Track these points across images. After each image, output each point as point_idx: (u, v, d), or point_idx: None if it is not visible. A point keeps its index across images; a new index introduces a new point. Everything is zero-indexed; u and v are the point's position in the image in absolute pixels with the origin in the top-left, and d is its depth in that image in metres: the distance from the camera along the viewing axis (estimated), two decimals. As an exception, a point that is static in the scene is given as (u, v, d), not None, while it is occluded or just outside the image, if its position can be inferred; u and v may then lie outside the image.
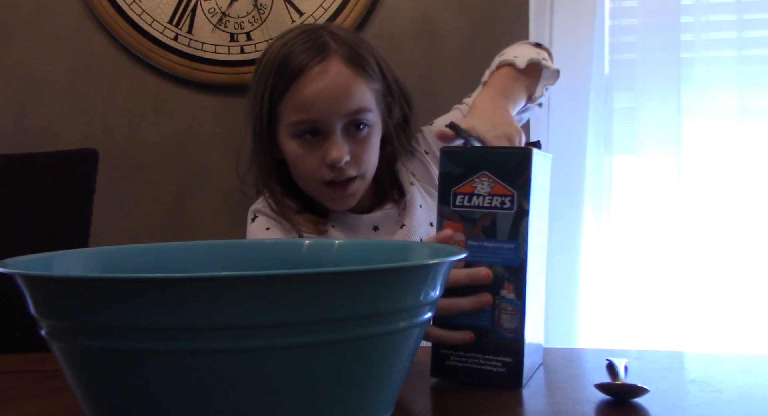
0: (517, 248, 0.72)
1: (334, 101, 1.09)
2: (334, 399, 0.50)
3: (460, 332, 0.74)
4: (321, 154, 1.11)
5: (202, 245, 0.73)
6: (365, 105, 1.12)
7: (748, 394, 0.71)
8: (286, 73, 1.09)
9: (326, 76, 1.08)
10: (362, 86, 1.12)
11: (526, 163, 0.71)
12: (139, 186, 1.70)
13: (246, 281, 0.46)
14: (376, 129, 1.16)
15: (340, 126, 1.10)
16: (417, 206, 1.19)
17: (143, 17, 1.65)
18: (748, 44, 1.55)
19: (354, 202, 1.17)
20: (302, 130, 1.11)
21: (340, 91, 1.09)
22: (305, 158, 1.12)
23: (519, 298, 0.72)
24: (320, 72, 1.08)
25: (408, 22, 1.64)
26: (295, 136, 1.12)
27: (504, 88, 1.13)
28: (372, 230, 1.20)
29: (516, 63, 1.16)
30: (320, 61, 1.09)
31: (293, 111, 1.10)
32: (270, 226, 1.18)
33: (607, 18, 1.59)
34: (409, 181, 1.21)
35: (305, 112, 1.09)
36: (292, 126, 1.11)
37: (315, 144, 1.11)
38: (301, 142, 1.12)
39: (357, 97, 1.11)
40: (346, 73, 1.10)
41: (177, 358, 0.46)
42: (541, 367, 0.80)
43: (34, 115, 1.72)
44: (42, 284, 0.50)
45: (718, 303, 1.53)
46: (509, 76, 1.16)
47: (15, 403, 0.72)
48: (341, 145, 1.10)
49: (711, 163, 1.55)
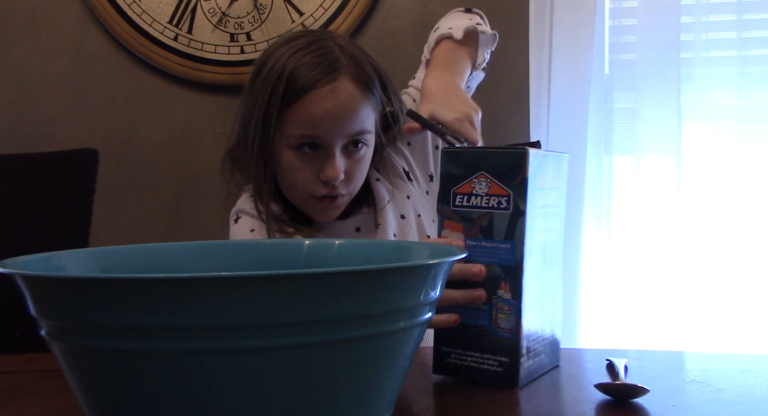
0: (513, 248, 0.72)
1: (341, 122, 1.08)
2: (334, 399, 0.50)
3: (445, 314, 0.74)
4: (316, 169, 1.10)
5: (202, 245, 0.73)
6: (368, 127, 1.12)
7: (748, 394, 0.71)
8: (296, 86, 1.07)
9: (336, 97, 1.07)
10: (367, 108, 1.11)
11: (522, 163, 0.72)
12: (139, 186, 1.70)
13: (246, 281, 0.46)
14: (371, 147, 1.16)
15: (341, 145, 1.10)
16: (385, 202, 1.19)
17: (143, 17, 1.65)
18: (748, 44, 1.55)
19: (338, 214, 1.17)
20: (302, 143, 1.10)
21: (348, 113, 1.08)
22: (300, 170, 1.11)
23: (515, 298, 0.72)
24: (331, 91, 1.07)
25: (408, 22, 1.64)
26: (294, 148, 1.10)
27: (449, 63, 1.14)
28: (355, 231, 1.20)
29: (453, 35, 1.16)
30: (331, 80, 1.08)
31: (298, 124, 1.08)
32: (255, 228, 1.16)
33: (607, 18, 1.59)
34: (374, 178, 1.20)
35: (310, 128, 1.08)
36: (293, 138, 1.09)
37: (312, 158, 1.10)
38: (298, 155, 1.10)
39: (362, 118, 1.10)
40: (355, 95, 1.09)
41: (177, 358, 0.46)
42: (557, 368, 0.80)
43: (34, 115, 1.72)
44: (42, 284, 0.50)
45: (718, 303, 1.53)
46: (450, 49, 1.16)
47: (15, 403, 0.72)
48: (339, 164, 1.09)
49: (711, 163, 1.55)
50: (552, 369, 0.80)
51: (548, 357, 0.79)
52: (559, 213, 0.80)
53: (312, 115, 1.07)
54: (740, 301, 1.52)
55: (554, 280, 0.80)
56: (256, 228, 1.16)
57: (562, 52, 1.54)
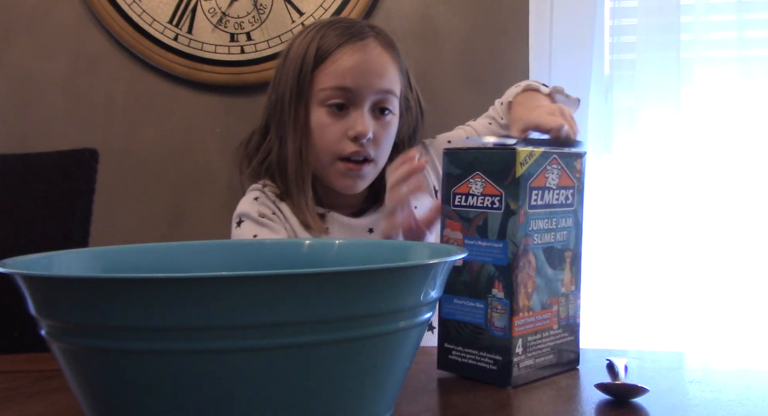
0: (506, 248, 0.72)
1: (370, 75, 1.14)
2: (334, 399, 0.50)
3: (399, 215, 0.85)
4: (345, 127, 1.14)
5: (202, 245, 0.73)
6: (395, 88, 1.17)
7: (748, 394, 0.71)
8: (325, 45, 1.14)
9: (366, 51, 1.14)
10: (395, 71, 1.18)
11: (512, 163, 0.72)
12: (139, 186, 1.70)
13: (246, 281, 0.46)
14: (395, 120, 1.19)
15: (369, 102, 1.14)
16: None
17: (143, 17, 1.65)
18: (748, 44, 1.55)
19: (362, 187, 1.18)
20: (332, 97, 1.14)
21: (377, 67, 1.15)
22: (328, 128, 1.14)
23: (507, 297, 0.73)
24: (361, 47, 1.14)
25: (408, 22, 1.64)
26: (323, 105, 1.14)
27: (531, 100, 1.18)
28: (367, 232, 1.20)
29: (540, 89, 1.19)
30: (360, 39, 1.15)
31: (330, 76, 1.13)
32: (257, 233, 1.15)
33: (607, 18, 1.59)
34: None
35: (341, 79, 1.13)
36: (323, 91, 1.14)
37: (341, 117, 1.14)
38: (327, 112, 1.14)
39: (390, 77, 1.16)
40: (384, 54, 1.16)
41: (177, 358, 0.46)
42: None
43: (33, 115, 1.72)
44: (42, 284, 0.50)
45: (718, 303, 1.53)
46: (534, 95, 1.20)
47: (15, 403, 0.72)
48: (368, 120, 1.13)
49: (711, 163, 1.55)
50: (566, 371, 0.79)
51: (560, 358, 0.79)
52: (572, 213, 0.80)
53: (342, 66, 1.13)
54: (740, 301, 1.52)
55: (566, 280, 0.80)
56: (259, 234, 1.16)
57: (562, 52, 1.54)
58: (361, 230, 1.20)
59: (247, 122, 1.66)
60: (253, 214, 1.17)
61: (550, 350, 0.77)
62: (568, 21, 1.56)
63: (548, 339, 0.77)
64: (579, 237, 0.82)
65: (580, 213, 0.82)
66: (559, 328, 0.79)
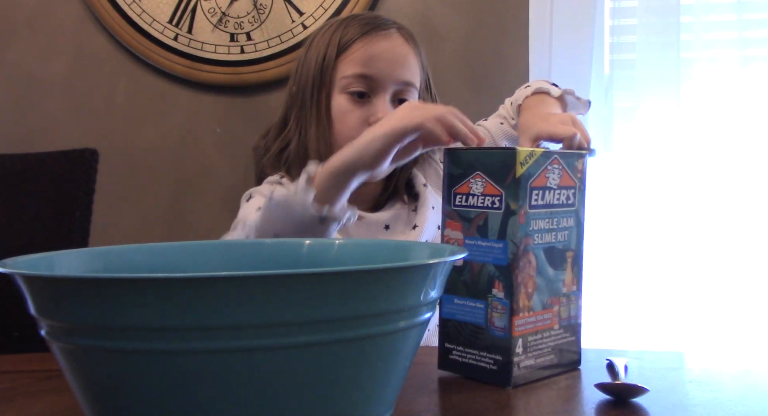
0: (506, 247, 0.73)
1: (393, 64, 1.15)
2: (334, 399, 0.50)
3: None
4: (366, 114, 1.15)
5: (202, 245, 0.73)
6: (415, 81, 1.18)
7: (748, 394, 0.71)
8: (350, 31, 1.16)
9: (390, 41, 1.17)
10: (417, 64, 1.19)
11: (512, 163, 0.72)
12: (139, 186, 1.70)
13: (246, 281, 0.46)
14: None
15: (390, 92, 1.16)
16: (430, 207, 1.20)
17: (143, 17, 1.65)
18: (748, 44, 1.55)
19: (379, 177, 1.17)
20: (354, 84, 1.15)
21: (400, 57, 1.17)
22: (349, 115, 1.15)
23: (507, 297, 0.73)
24: (385, 35, 1.17)
25: (408, 22, 1.63)
26: (345, 92, 1.15)
27: (541, 104, 1.17)
28: (383, 229, 1.20)
29: (551, 92, 1.19)
30: (384, 29, 1.17)
31: (352, 64, 1.15)
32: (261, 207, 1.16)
33: (607, 18, 1.59)
34: (422, 183, 1.23)
35: (364, 66, 1.14)
36: (345, 79, 1.15)
37: (362, 104, 1.15)
38: (349, 99, 1.15)
39: (412, 69, 1.18)
40: (407, 45, 1.19)
41: (177, 358, 0.46)
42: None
43: (33, 115, 1.72)
44: (42, 284, 0.50)
45: (718, 303, 1.53)
46: (543, 99, 1.19)
47: (15, 403, 0.72)
48: (389, 107, 1.14)
49: (711, 163, 1.55)
50: (568, 371, 0.79)
51: (561, 358, 0.79)
52: (574, 213, 0.80)
53: (366, 53, 1.14)
54: (740, 301, 1.52)
55: (567, 280, 0.80)
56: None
57: (562, 52, 1.54)
58: (377, 225, 1.19)
59: (247, 122, 1.66)
60: (264, 191, 1.17)
61: (551, 350, 0.78)
62: (568, 21, 1.56)
63: (549, 339, 0.77)
64: (580, 237, 0.82)
65: (581, 213, 0.82)
66: (560, 328, 0.79)
